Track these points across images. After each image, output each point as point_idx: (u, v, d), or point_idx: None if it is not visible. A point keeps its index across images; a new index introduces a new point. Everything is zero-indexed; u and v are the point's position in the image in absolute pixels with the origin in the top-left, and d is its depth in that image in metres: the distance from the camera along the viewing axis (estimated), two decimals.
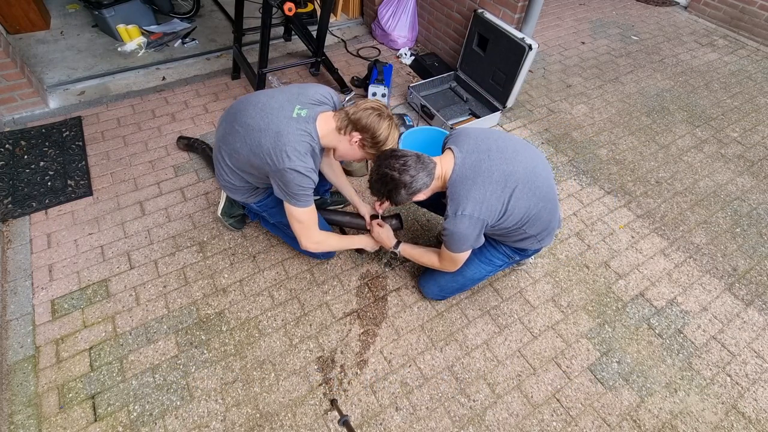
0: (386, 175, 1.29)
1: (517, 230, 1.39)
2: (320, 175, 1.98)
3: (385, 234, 1.65)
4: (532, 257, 1.90)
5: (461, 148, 1.32)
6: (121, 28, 2.96)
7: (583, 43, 3.48)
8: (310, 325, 1.68)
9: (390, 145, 1.36)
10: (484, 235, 1.56)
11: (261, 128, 1.30)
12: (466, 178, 1.28)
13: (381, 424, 1.44)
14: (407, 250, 1.61)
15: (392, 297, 1.78)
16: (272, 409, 1.45)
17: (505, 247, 1.54)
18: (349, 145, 1.37)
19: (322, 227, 1.76)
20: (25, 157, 2.19)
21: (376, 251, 1.93)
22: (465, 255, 1.41)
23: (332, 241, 1.61)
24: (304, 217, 1.41)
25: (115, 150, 2.29)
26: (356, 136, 1.33)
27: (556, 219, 1.47)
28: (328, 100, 1.42)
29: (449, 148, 1.36)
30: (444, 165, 1.33)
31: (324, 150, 1.46)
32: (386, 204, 1.75)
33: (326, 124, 1.35)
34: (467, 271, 1.59)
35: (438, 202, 1.68)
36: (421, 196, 1.36)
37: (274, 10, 2.18)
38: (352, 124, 1.32)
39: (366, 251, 1.84)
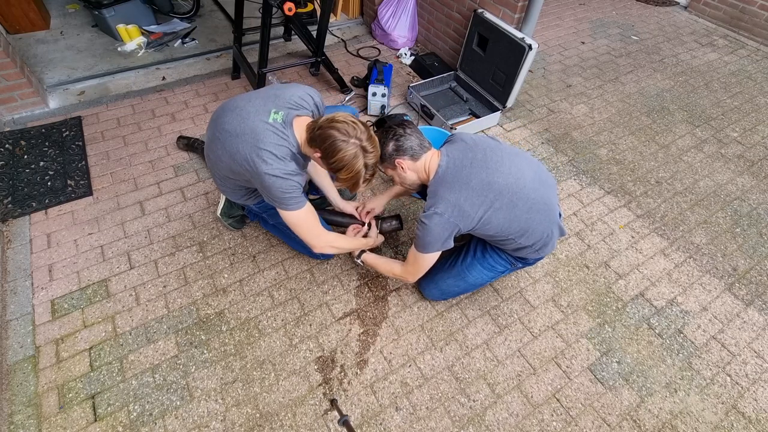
0: (388, 127, 1.39)
1: (508, 240, 1.39)
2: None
3: (359, 242, 1.67)
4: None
5: (449, 152, 1.37)
6: (121, 28, 2.96)
7: (583, 43, 3.48)
8: (310, 325, 1.68)
9: (349, 172, 1.23)
10: (487, 242, 1.56)
11: (238, 133, 1.27)
12: (444, 181, 1.32)
13: (381, 424, 1.44)
14: (369, 257, 1.62)
15: (392, 297, 1.78)
16: (272, 409, 1.45)
17: (507, 254, 1.54)
18: (316, 160, 1.31)
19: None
20: (25, 157, 2.19)
21: (375, 250, 1.93)
22: (428, 260, 1.41)
23: (342, 242, 1.57)
24: (301, 221, 1.37)
25: (115, 150, 2.29)
26: (317, 154, 1.25)
27: (553, 230, 1.44)
28: (307, 103, 1.37)
29: (441, 150, 1.40)
30: (432, 160, 1.38)
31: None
32: (372, 210, 1.78)
33: (302, 131, 1.30)
34: (469, 276, 1.59)
35: None
36: (403, 164, 1.37)
37: (274, 10, 2.18)
38: (315, 140, 1.23)
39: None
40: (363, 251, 1.64)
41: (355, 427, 1.42)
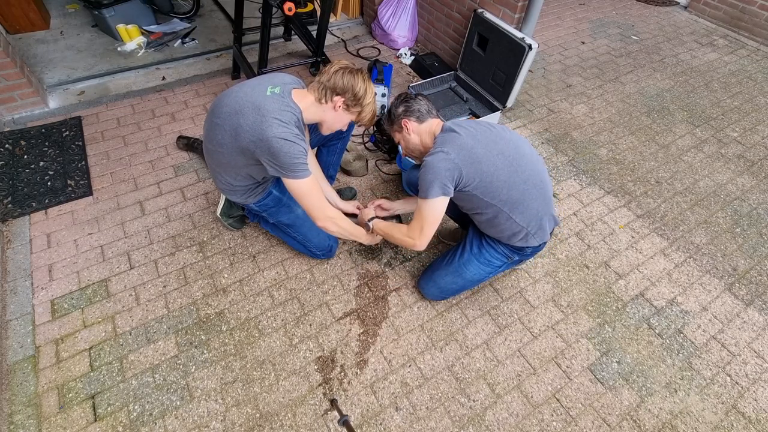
0: (401, 93, 1.52)
1: (502, 213, 1.38)
2: (322, 155, 1.98)
3: (362, 215, 1.73)
4: (532, 257, 1.90)
5: (452, 121, 1.45)
6: (120, 27, 2.96)
7: (583, 43, 3.48)
8: (310, 325, 1.68)
9: (370, 96, 1.41)
10: (483, 236, 1.57)
11: (237, 111, 1.30)
12: (451, 130, 1.38)
13: (381, 424, 1.44)
14: (380, 223, 1.63)
15: (392, 297, 1.78)
16: (272, 409, 1.45)
17: (503, 246, 1.54)
18: (335, 112, 1.39)
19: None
20: (25, 157, 2.19)
21: (375, 249, 1.93)
22: (433, 209, 1.35)
23: (345, 223, 1.53)
24: (307, 190, 1.36)
25: (115, 150, 2.29)
26: (338, 100, 1.36)
27: (547, 213, 1.46)
28: (297, 82, 1.44)
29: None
30: (437, 126, 1.48)
31: (306, 128, 1.46)
32: (374, 206, 1.78)
33: (303, 99, 1.36)
34: (467, 272, 1.59)
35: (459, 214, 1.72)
36: (409, 125, 1.47)
37: (274, 10, 2.18)
38: (331, 90, 1.35)
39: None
40: (375, 218, 1.67)
41: (355, 427, 1.42)
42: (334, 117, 1.41)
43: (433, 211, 1.36)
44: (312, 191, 1.38)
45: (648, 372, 1.60)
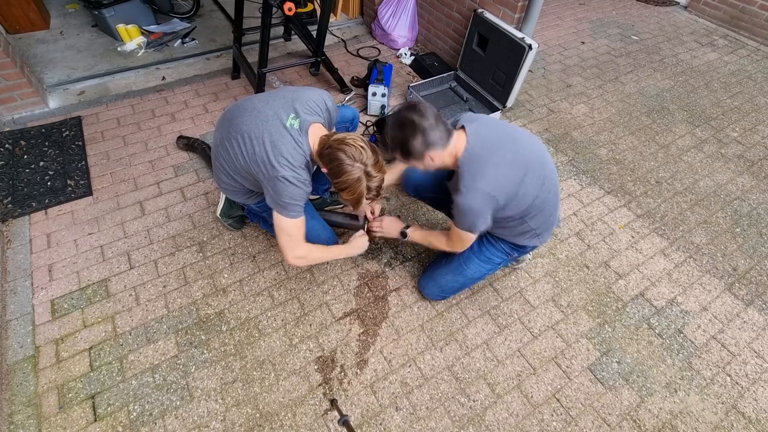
0: (405, 119, 1.24)
1: (520, 220, 1.38)
2: (319, 173, 1.99)
3: (389, 224, 1.66)
4: (530, 254, 1.90)
5: (472, 127, 1.29)
6: (120, 27, 2.96)
7: (583, 42, 3.48)
8: (310, 325, 1.68)
9: (349, 194, 1.29)
10: (483, 234, 1.56)
11: (255, 136, 1.30)
12: (479, 156, 1.25)
13: (381, 424, 1.44)
14: (416, 234, 1.60)
15: (392, 297, 1.78)
16: (272, 409, 1.45)
17: (504, 243, 1.55)
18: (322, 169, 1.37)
19: (321, 227, 1.76)
20: (25, 157, 2.19)
21: (375, 250, 1.93)
22: (474, 234, 1.37)
23: (317, 254, 1.54)
24: (292, 230, 1.37)
25: (115, 150, 2.29)
26: (325, 169, 1.32)
27: (556, 214, 1.48)
28: (320, 108, 1.39)
29: (461, 127, 1.32)
30: (459, 141, 1.28)
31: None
32: (378, 208, 1.77)
33: (317, 139, 1.34)
34: (467, 270, 1.59)
35: (442, 199, 1.66)
36: (434, 156, 1.27)
37: (274, 9, 2.18)
38: (324, 158, 1.29)
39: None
40: (408, 227, 1.63)
41: (355, 427, 1.42)
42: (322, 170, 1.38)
43: (472, 236, 1.38)
44: (293, 232, 1.38)
45: (648, 372, 1.60)
